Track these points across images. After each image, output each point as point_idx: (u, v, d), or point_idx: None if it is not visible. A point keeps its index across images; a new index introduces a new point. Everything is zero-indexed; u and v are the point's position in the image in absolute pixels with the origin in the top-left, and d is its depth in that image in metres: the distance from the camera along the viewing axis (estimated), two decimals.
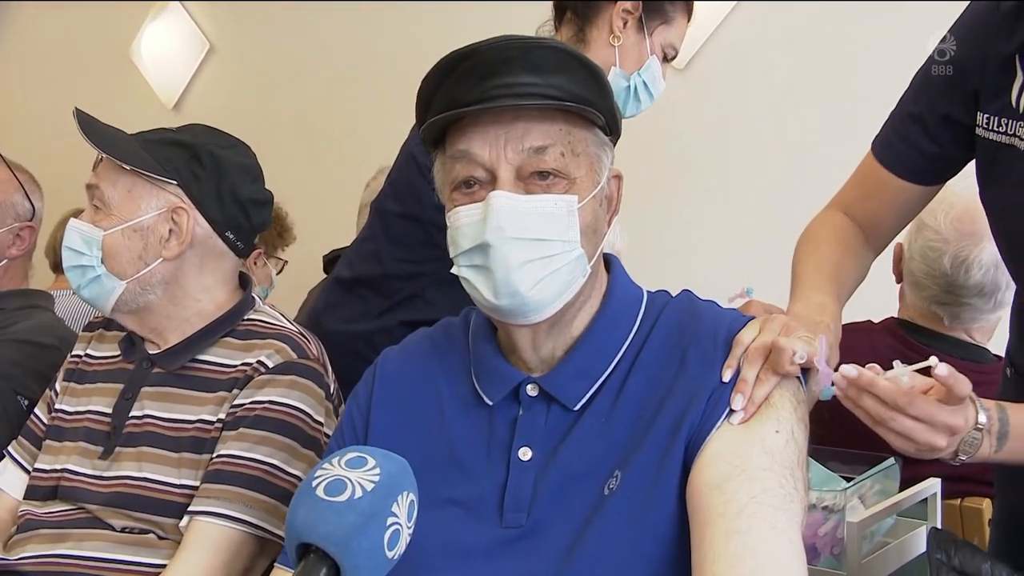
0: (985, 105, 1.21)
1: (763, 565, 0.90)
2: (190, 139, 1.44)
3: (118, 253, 1.40)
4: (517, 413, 1.09)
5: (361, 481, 0.83)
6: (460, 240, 1.05)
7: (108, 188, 1.41)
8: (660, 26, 1.79)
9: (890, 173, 1.32)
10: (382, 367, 1.19)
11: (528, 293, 1.01)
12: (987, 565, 1.11)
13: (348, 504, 0.81)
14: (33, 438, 1.51)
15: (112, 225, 1.40)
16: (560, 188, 1.03)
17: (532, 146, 1.02)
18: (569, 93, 1.03)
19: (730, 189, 3.20)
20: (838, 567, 1.28)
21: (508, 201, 1.01)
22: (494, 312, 1.06)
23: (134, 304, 1.42)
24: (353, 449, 0.88)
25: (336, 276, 1.88)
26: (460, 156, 1.04)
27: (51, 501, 1.42)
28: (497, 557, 1.02)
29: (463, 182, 1.04)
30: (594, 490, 1.01)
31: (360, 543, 0.81)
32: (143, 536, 1.35)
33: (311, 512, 0.81)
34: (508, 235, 1.00)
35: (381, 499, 0.83)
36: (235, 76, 4.34)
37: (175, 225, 1.41)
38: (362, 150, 3.21)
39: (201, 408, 1.38)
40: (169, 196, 1.41)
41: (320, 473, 0.85)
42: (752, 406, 1.00)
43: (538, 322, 1.05)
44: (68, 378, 1.52)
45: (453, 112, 1.02)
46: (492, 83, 1.01)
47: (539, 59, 1.03)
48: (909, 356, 1.75)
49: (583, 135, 1.06)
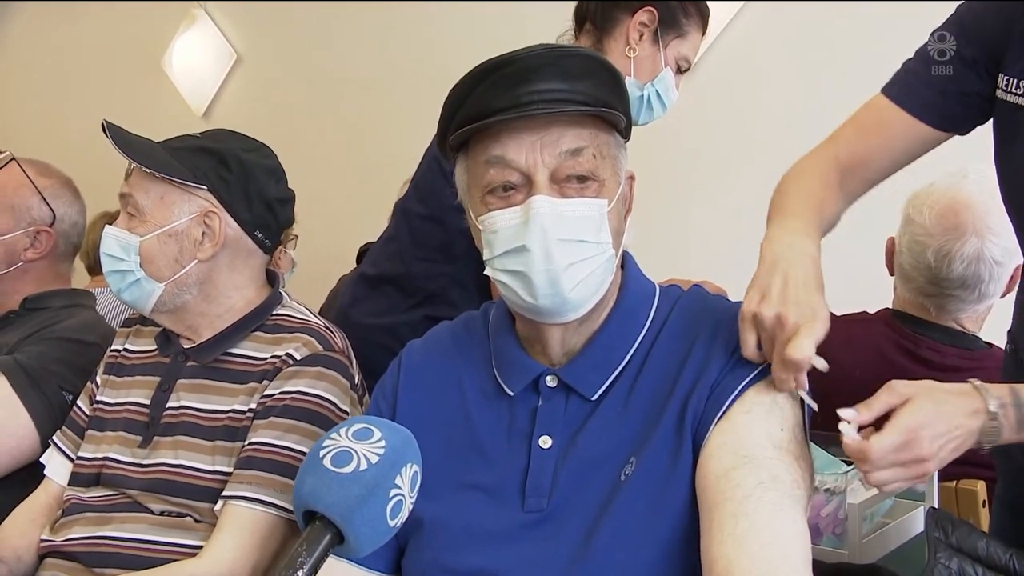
0: (1008, 67, 1.16)
1: (769, 544, 0.90)
2: (216, 145, 1.44)
3: (155, 257, 1.40)
4: (537, 403, 1.08)
5: (366, 453, 0.82)
6: (496, 243, 1.03)
7: (141, 196, 1.40)
8: (675, 39, 1.78)
9: (897, 107, 1.24)
10: (407, 358, 1.19)
11: (569, 294, 1.01)
12: (983, 542, 1.10)
13: (353, 476, 0.81)
14: (76, 428, 1.52)
15: (148, 231, 1.40)
16: (593, 191, 1.02)
17: (568, 149, 1.01)
18: (595, 98, 1.02)
19: (736, 188, 3.18)
20: (840, 546, 1.28)
21: (549, 205, 1.00)
22: (531, 312, 1.05)
23: (172, 304, 1.42)
24: (359, 420, 0.87)
25: (362, 272, 1.88)
26: (495, 161, 1.02)
27: (94, 487, 1.42)
28: (519, 540, 1.01)
29: (500, 187, 1.03)
30: (611, 476, 1.01)
31: (363, 513, 0.80)
32: (180, 519, 1.35)
33: (318, 482, 0.81)
34: (552, 237, 0.99)
35: (385, 471, 0.82)
36: (261, 84, 4.35)
37: (207, 228, 1.41)
38: (384, 153, 3.21)
39: (233, 399, 1.38)
40: (200, 200, 1.41)
41: (328, 443, 0.84)
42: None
43: (572, 320, 1.04)
44: (108, 371, 1.52)
45: (491, 120, 1.00)
46: (524, 90, 1.00)
47: (568, 66, 1.02)
48: (904, 344, 1.76)
49: (607, 138, 1.05)
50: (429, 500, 1.06)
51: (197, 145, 1.43)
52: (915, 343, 1.75)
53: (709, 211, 3.21)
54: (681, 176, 3.21)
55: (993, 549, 1.07)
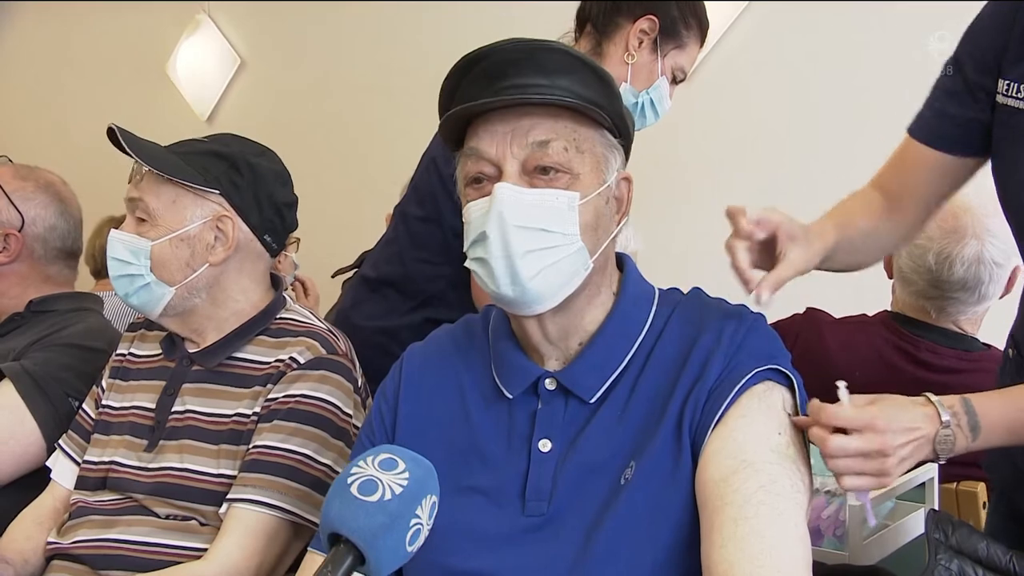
0: (1007, 71, 1.17)
1: (770, 547, 0.89)
2: (225, 149, 1.44)
3: (167, 262, 1.40)
4: (536, 406, 1.08)
5: (392, 484, 0.86)
6: (468, 232, 1.04)
7: (152, 200, 1.40)
8: (674, 49, 1.78)
9: (920, 144, 1.28)
10: (408, 362, 1.18)
11: (529, 283, 1.00)
12: (984, 544, 1.09)
13: (379, 505, 0.85)
14: (82, 432, 1.52)
15: (160, 235, 1.40)
16: (562, 183, 1.02)
17: (536, 140, 1.01)
18: (574, 93, 1.02)
19: (738, 192, 3.15)
20: (841, 548, 1.27)
21: (511, 193, 1.00)
22: (501, 302, 1.06)
23: (180, 308, 1.42)
24: (386, 450, 0.90)
25: (362, 275, 1.88)
26: (471, 153, 1.04)
27: (101, 491, 1.42)
28: (519, 543, 1.01)
29: (473, 178, 1.04)
30: (611, 480, 1.00)
31: (386, 541, 0.84)
32: (185, 523, 1.35)
33: (345, 508, 0.85)
34: (509, 223, 1.00)
35: (408, 502, 0.86)
36: (265, 88, 4.35)
37: (220, 232, 1.41)
38: (387, 157, 3.21)
39: (238, 402, 1.38)
40: (212, 205, 1.41)
41: (355, 471, 0.88)
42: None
43: (542, 312, 1.04)
44: (113, 375, 1.52)
45: (461, 107, 1.01)
46: (501, 84, 1.01)
47: (546, 60, 1.02)
48: (902, 347, 1.75)
49: (589, 134, 1.05)
50: None
51: (207, 149, 1.44)
52: (914, 345, 1.75)
53: (710, 214, 3.18)
54: (682, 179, 3.20)
55: (994, 551, 1.07)
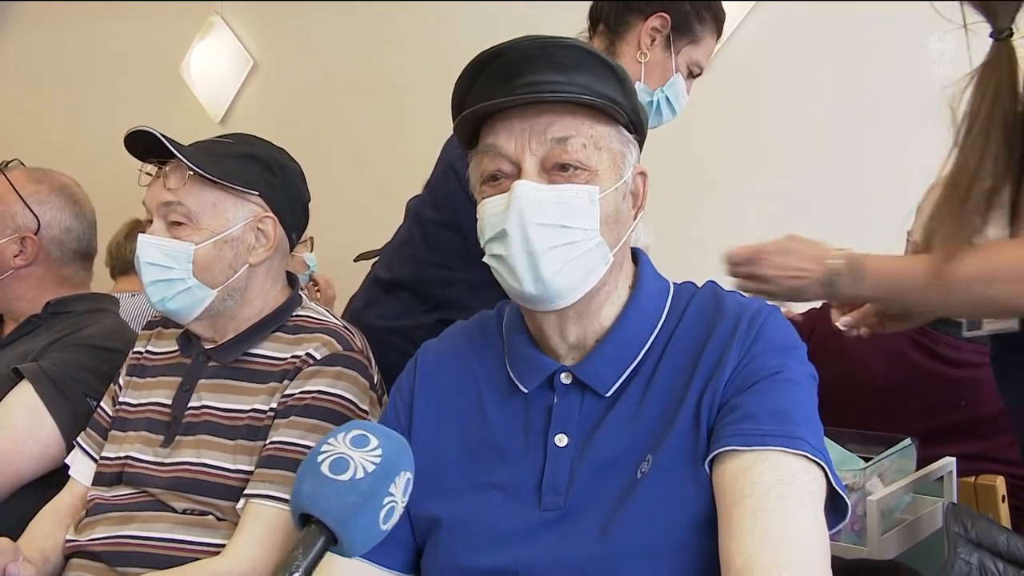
0: None
1: (789, 540, 0.89)
2: (254, 151, 1.46)
3: (211, 264, 1.40)
4: (552, 401, 1.07)
5: (363, 461, 0.84)
6: (485, 229, 1.04)
7: (192, 203, 1.39)
8: (688, 45, 1.75)
9: None
10: (423, 358, 1.18)
11: (551, 279, 1.00)
12: (1004, 537, 1.08)
13: (350, 484, 0.82)
14: (100, 429, 1.52)
15: (204, 238, 1.39)
16: (582, 179, 1.02)
17: (555, 137, 1.01)
18: (591, 90, 1.02)
19: (750, 188, 3.15)
20: (859, 542, 1.26)
21: (531, 190, 1.00)
22: (521, 299, 1.05)
23: (216, 310, 1.43)
24: (357, 426, 0.88)
25: (375, 276, 1.86)
26: (487, 150, 1.04)
27: (117, 486, 1.43)
28: (536, 538, 1.00)
29: (491, 175, 1.04)
30: (627, 474, 1.00)
31: (359, 520, 0.82)
32: (203, 517, 1.35)
33: (315, 487, 0.83)
34: (530, 220, 0.99)
35: (380, 480, 0.84)
36: (278, 90, 4.36)
37: (261, 233, 1.43)
38: (400, 158, 3.21)
39: (254, 398, 1.38)
40: (252, 206, 1.42)
41: (326, 448, 0.85)
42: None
43: (564, 308, 1.04)
44: (130, 373, 1.53)
45: (479, 106, 1.01)
46: (518, 82, 1.01)
47: (562, 58, 1.02)
48: (920, 340, 1.74)
49: (606, 130, 1.04)
50: (446, 500, 1.06)
51: (237, 152, 1.44)
52: (932, 339, 1.74)
53: (722, 211, 3.19)
54: (694, 176, 3.19)
55: (1014, 544, 1.06)
